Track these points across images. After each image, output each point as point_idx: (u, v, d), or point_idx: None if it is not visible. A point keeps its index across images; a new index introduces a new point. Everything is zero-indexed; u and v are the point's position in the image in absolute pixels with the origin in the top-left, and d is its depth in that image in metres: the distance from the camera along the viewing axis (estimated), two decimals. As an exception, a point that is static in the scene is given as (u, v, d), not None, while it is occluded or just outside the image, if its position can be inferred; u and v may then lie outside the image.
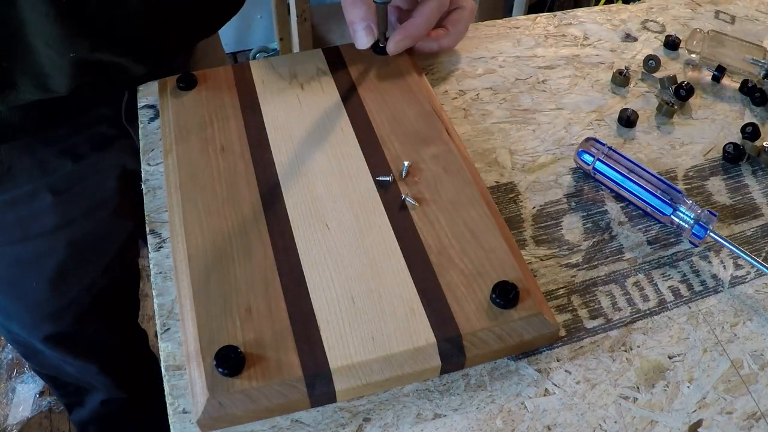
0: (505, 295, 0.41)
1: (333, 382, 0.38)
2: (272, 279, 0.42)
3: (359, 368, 0.39)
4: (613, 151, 0.51)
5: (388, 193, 0.47)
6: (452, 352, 0.40)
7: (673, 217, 0.48)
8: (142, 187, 0.51)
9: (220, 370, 0.37)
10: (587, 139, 0.52)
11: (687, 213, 0.47)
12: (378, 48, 0.57)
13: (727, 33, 0.64)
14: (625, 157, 0.50)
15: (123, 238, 0.74)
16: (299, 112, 0.53)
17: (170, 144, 0.50)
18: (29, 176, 0.62)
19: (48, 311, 0.74)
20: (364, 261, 0.43)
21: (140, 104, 0.58)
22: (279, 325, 0.40)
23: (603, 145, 0.51)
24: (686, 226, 0.47)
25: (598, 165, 0.51)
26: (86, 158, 0.64)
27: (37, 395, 1.42)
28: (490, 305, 0.41)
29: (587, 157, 0.51)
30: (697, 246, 0.48)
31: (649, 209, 0.49)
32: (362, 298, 0.41)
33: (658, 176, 0.49)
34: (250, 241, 0.44)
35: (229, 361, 0.38)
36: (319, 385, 0.38)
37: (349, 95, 0.54)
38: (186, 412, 0.39)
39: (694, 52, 0.64)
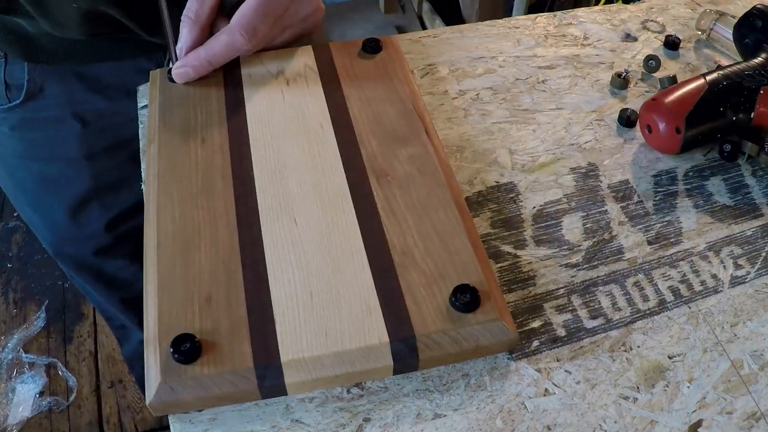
0: (464, 298, 0.40)
1: (283, 375, 0.38)
2: (235, 270, 0.42)
3: (310, 363, 0.39)
4: None
5: (359, 191, 0.47)
6: (405, 353, 0.39)
7: None
8: (143, 187, 0.51)
9: (176, 356, 0.38)
10: None
11: None
12: (367, 45, 0.58)
13: (735, 15, 0.64)
14: None
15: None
16: (282, 108, 0.53)
17: (154, 134, 0.51)
18: (58, 102, 0.66)
19: (67, 236, 0.78)
20: (327, 257, 0.43)
21: (140, 104, 0.58)
22: (236, 315, 0.40)
23: None
24: None
25: None
26: (117, 101, 0.67)
27: (37, 395, 1.42)
28: (448, 308, 0.41)
29: None
30: None
31: None
32: (321, 293, 0.41)
33: None
34: (219, 232, 0.44)
35: (185, 349, 0.38)
36: (269, 377, 0.38)
37: (333, 93, 0.54)
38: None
39: (702, 30, 0.65)
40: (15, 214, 1.77)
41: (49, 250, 0.83)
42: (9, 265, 1.66)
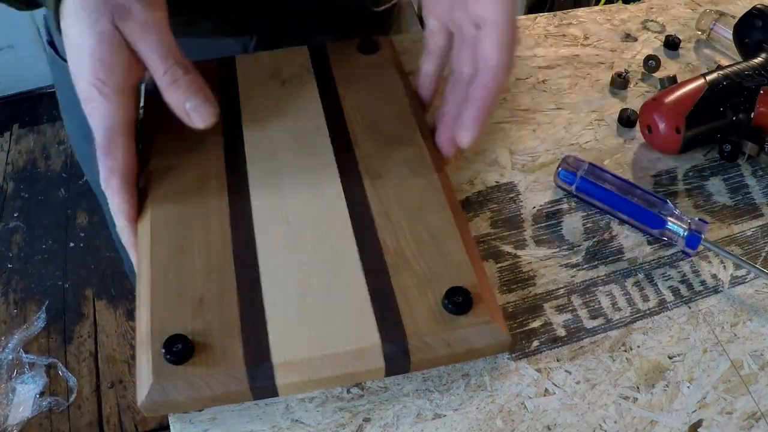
0: (457, 300, 0.40)
1: (275, 376, 0.38)
2: (228, 271, 0.42)
3: (302, 364, 0.39)
4: (595, 167, 0.50)
5: (353, 192, 0.47)
6: (397, 355, 0.39)
7: (665, 230, 0.48)
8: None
9: (167, 357, 0.38)
10: (566, 158, 0.51)
11: (677, 225, 0.47)
12: (364, 45, 0.57)
13: (735, 15, 0.64)
14: (608, 173, 0.50)
15: None
16: (276, 109, 0.53)
17: (149, 134, 0.51)
18: None
19: None
20: (319, 258, 0.43)
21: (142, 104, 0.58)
22: (228, 316, 0.40)
23: (583, 162, 0.50)
24: (678, 237, 0.47)
25: (581, 184, 0.50)
26: None
27: (37, 395, 1.42)
28: (441, 310, 0.40)
29: (568, 177, 0.50)
30: (690, 255, 0.48)
31: (638, 224, 0.49)
32: (313, 295, 0.41)
33: (644, 189, 0.49)
34: (212, 232, 0.44)
35: (177, 349, 0.38)
36: (261, 378, 0.38)
37: (328, 94, 0.54)
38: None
39: (702, 30, 0.65)
40: (15, 215, 1.77)
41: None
42: (9, 265, 1.67)
